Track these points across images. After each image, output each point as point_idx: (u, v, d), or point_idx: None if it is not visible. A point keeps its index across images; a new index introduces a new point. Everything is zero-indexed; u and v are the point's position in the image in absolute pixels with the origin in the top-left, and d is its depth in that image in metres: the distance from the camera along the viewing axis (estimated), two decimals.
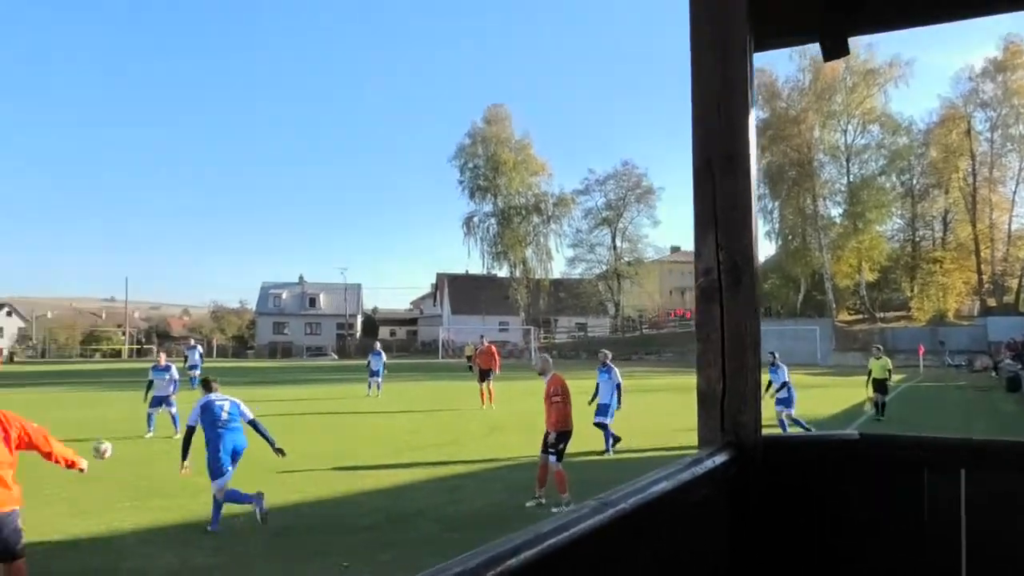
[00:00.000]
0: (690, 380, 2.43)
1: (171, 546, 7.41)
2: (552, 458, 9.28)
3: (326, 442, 14.36)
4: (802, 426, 14.73)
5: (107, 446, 7.44)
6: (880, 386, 18.25)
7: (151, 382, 15.71)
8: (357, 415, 19.62)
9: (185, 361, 26.39)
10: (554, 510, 8.66)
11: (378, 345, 26.10)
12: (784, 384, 14.93)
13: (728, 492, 2.01)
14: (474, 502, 9.42)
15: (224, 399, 8.63)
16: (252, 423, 8.56)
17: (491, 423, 17.44)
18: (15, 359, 73.61)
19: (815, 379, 30.63)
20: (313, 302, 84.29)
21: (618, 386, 13.05)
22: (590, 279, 73.36)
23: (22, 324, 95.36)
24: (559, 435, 9.31)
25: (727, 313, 2.08)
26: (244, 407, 8.68)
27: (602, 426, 13.12)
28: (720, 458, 1.88)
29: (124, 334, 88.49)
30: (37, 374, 40.46)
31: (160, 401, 15.56)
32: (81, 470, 6.16)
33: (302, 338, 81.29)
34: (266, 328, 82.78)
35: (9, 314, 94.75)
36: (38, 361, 73.56)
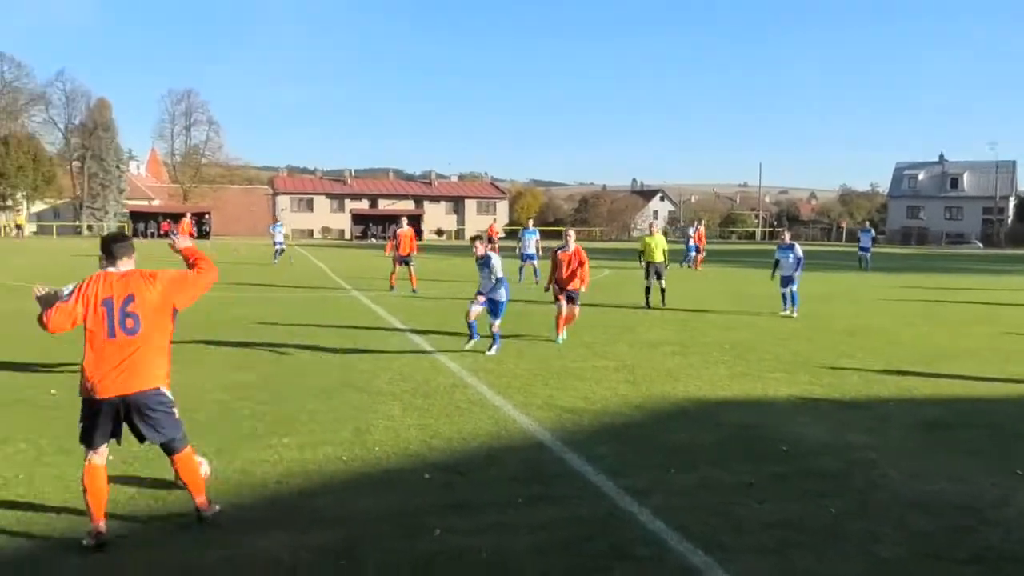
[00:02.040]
0: None
1: (822, 420, 7.63)
2: None
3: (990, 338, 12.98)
4: None
5: None
6: None
7: (777, 261, 16.05)
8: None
9: (858, 243, 32.49)
10: None
11: None
12: None
13: None
14: None
15: None
16: None
17: None
18: (668, 238, 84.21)
19: None
20: (955, 183, 75.94)
21: None
22: None
23: (672, 208, 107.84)
24: None
25: None
26: None
27: None
28: None
29: (756, 217, 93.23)
30: (678, 251, 45.62)
31: (787, 282, 15.66)
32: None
33: (940, 223, 74.37)
34: (899, 212, 77.99)
35: (662, 199, 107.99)
36: (683, 240, 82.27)
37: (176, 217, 68.06)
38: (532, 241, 22.74)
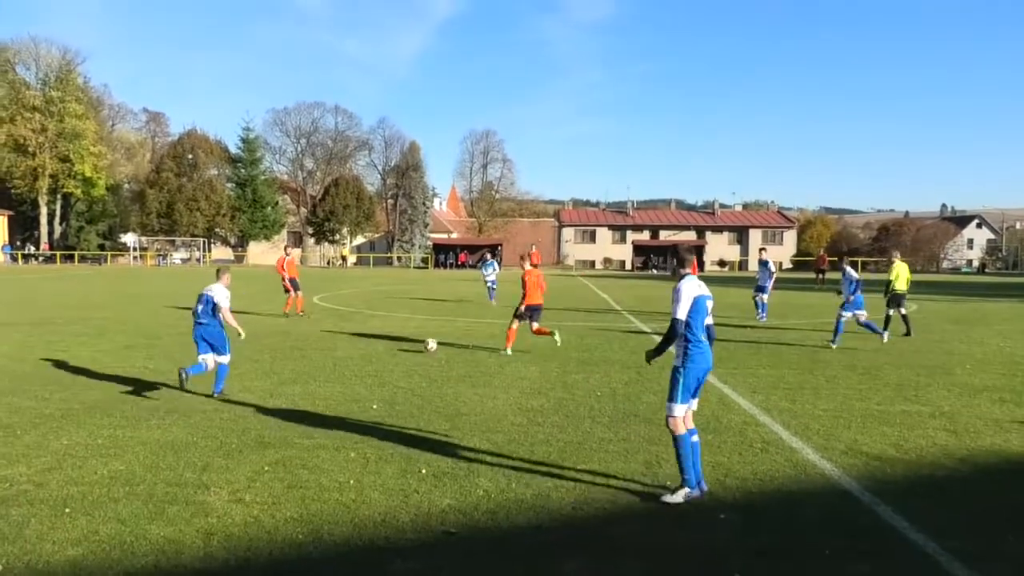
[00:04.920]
0: None
1: None
2: None
3: None
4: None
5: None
6: None
7: None
8: None
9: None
10: None
11: None
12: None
13: None
14: None
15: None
16: None
17: None
18: (985, 270, 74.52)
19: None
20: None
21: None
22: None
23: (991, 236, 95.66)
24: None
25: None
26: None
27: None
28: None
29: None
30: (1001, 285, 40.08)
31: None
32: None
33: None
34: None
35: (979, 226, 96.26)
36: (1006, 273, 72.70)
37: (472, 249, 73.47)
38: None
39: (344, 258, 76.20)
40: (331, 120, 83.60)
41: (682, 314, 5.82)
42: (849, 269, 15.48)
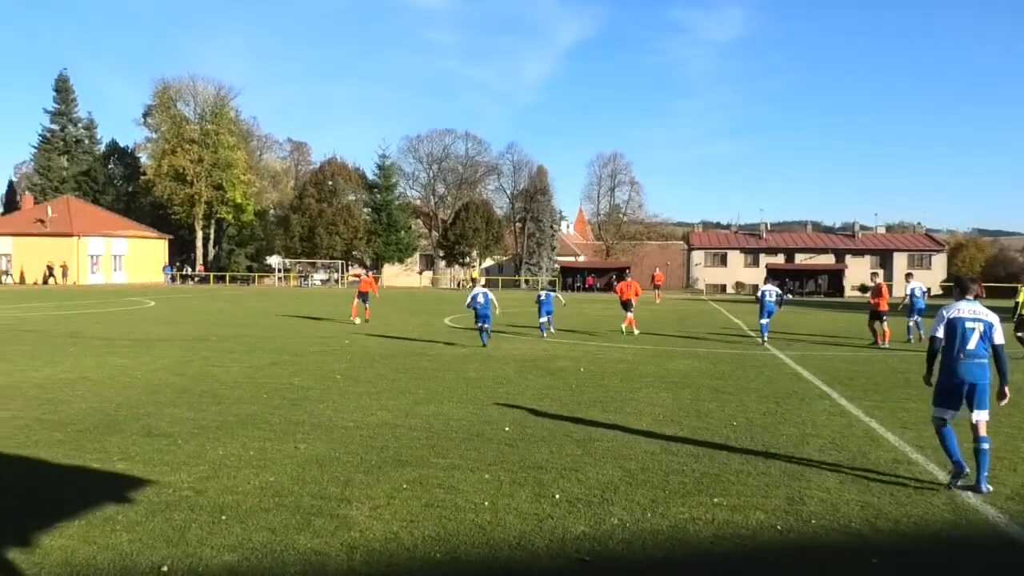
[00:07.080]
0: None
1: None
2: None
3: None
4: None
5: None
6: None
7: None
8: None
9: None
10: None
11: None
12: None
13: None
14: None
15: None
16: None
17: None
18: None
19: None
20: None
21: None
22: None
23: None
24: None
25: None
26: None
27: None
28: None
29: None
30: None
31: None
32: None
33: None
34: None
35: None
36: None
37: (600, 272, 73.12)
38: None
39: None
40: (462, 146, 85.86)
41: (936, 332, 7.06)
42: (768, 287, 20.83)
